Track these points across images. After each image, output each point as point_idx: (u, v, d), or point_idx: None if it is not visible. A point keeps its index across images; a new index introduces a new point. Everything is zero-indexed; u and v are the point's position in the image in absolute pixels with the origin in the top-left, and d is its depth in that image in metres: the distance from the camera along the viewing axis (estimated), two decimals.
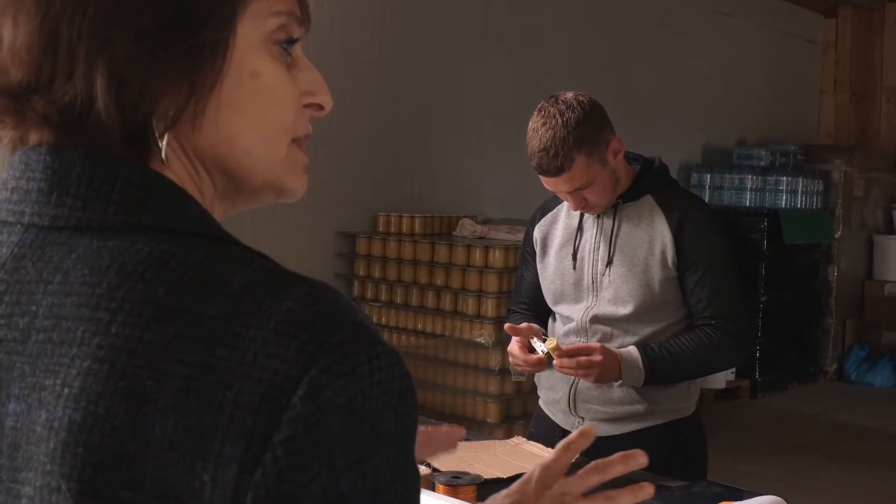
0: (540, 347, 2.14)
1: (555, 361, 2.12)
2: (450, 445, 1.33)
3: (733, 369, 6.90)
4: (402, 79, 5.49)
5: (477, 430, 4.36)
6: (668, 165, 2.26)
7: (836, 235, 7.79)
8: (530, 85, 5.65)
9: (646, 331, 2.18)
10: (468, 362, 4.64)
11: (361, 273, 5.15)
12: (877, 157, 8.48)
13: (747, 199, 7.34)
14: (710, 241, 2.17)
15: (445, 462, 1.98)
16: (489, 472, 1.98)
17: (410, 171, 5.56)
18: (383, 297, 5.06)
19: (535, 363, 2.16)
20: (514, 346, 2.21)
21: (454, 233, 5.26)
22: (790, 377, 7.48)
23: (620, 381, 2.13)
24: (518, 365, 2.21)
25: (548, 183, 2.13)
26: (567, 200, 2.18)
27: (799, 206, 7.44)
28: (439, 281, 4.84)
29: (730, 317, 2.17)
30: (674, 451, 2.23)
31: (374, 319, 4.96)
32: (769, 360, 7.20)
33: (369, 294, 5.12)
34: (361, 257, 5.15)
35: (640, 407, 2.20)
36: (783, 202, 7.33)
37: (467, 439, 2.29)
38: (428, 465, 1.81)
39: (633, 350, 2.14)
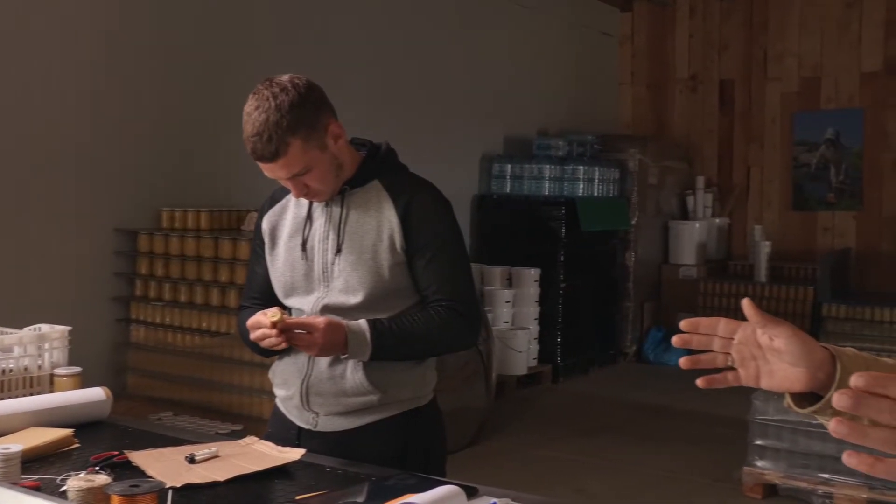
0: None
1: (273, 329, 2.00)
2: None
3: (535, 355, 7.05)
4: (189, 72, 5.29)
5: (265, 428, 4.24)
6: (395, 150, 2.21)
7: (633, 222, 8.07)
8: (326, 81, 5.52)
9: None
10: (254, 360, 4.50)
11: (143, 271, 4.94)
12: (671, 146, 8.85)
13: (546, 188, 7.49)
14: (437, 225, 2.13)
15: (163, 469, 1.87)
16: (207, 475, 1.88)
17: (198, 165, 5.37)
18: (167, 295, 4.87)
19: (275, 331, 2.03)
20: (253, 319, 2.07)
21: (243, 227, 5.11)
22: (591, 360, 7.70)
23: (346, 355, 2.07)
24: (267, 336, 2.04)
25: (265, 169, 2.05)
26: (288, 187, 2.11)
27: (596, 194, 7.66)
28: (224, 277, 4.70)
29: (460, 299, 2.14)
30: (411, 440, 2.19)
31: (158, 320, 4.80)
32: (571, 345, 7.38)
33: (152, 293, 4.91)
34: (143, 255, 4.94)
35: (374, 398, 2.14)
36: (580, 191, 7.52)
37: (193, 441, 2.18)
38: (109, 471, 1.69)
39: (362, 322, 2.08)
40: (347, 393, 2.14)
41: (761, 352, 1.27)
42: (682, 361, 1.31)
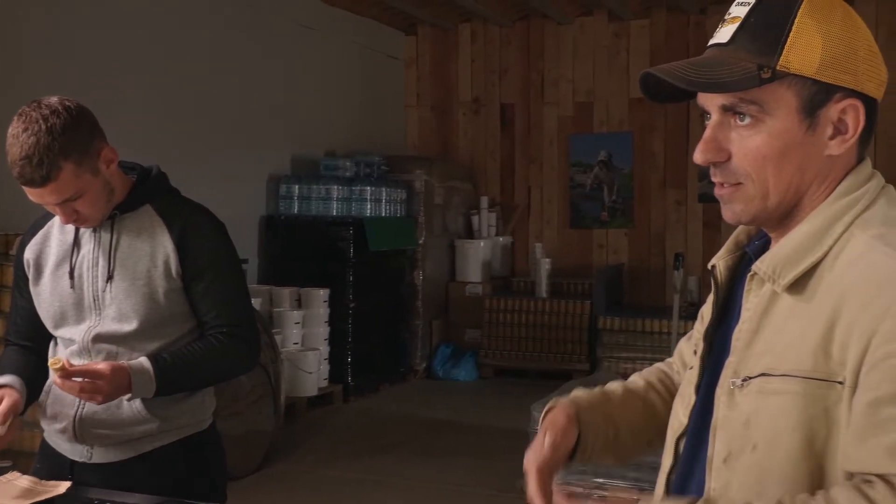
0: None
1: (56, 380, 1.95)
2: None
3: (326, 376, 7.04)
4: None
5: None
6: (166, 174, 2.18)
7: (420, 241, 8.22)
8: (98, 103, 5.34)
9: (153, 346, 2.09)
10: None
11: None
12: (456, 167, 9.09)
13: (334, 209, 7.52)
14: (214, 249, 2.12)
15: None
16: None
17: None
18: None
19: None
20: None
21: (11, 252, 4.84)
22: (382, 378, 7.77)
23: (130, 395, 2.02)
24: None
25: (33, 194, 1.97)
26: (56, 213, 2.04)
27: (383, 214, 7.76)
28: None
29: (240, 323, 2.14)
30: (192, 466, 2.16)
31: None
32: (361, 364, 7.42)
33: None
34: None
35: (152, 426, 2.10)
36: (368, 211, 7.59)
37: None
38: None
39: (144, 361, 2.04)
40: (125, 423, 2.09)
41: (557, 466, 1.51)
42: None
